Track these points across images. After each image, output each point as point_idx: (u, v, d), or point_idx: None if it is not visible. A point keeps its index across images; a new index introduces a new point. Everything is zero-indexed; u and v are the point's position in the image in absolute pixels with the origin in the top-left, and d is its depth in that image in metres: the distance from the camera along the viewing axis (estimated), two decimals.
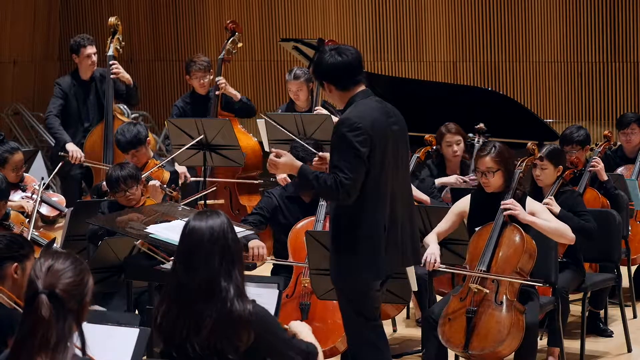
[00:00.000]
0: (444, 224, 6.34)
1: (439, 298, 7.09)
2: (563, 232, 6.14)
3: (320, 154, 5.59)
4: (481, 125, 8.31)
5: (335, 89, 5.30)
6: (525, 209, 6.14)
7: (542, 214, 6.18)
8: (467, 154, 8.13)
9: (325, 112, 8.65)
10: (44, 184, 7.40)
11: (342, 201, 5.13)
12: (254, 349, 3.83)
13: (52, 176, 8.01)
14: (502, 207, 6.06)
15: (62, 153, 8.62)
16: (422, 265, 6.08)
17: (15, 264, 4.38)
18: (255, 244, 6.57)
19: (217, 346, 3.78)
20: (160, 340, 3.91)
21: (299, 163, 5.24)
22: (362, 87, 5.33)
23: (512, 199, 6.10)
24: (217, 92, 9.25)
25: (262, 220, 6.92)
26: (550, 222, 6.15)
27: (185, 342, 3.81)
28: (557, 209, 6.72)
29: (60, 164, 8.08)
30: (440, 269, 6.15)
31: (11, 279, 4.36)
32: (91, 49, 9.26)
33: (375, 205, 5.22)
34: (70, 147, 8.92)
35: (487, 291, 5.92)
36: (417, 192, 7.26)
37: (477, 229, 6.15)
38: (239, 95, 9.36)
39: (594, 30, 11.81)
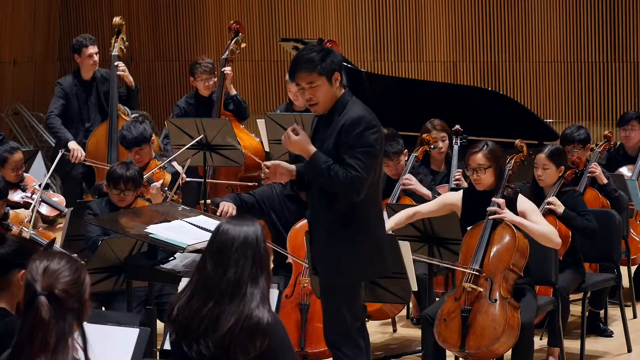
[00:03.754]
0: (427, 207, 6.36)
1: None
2: (550, 236, 6.10)
3: (267, 163, 5.44)
4: (457, 126, 8.33)
5: (339, 82, 5.25)
6: (516, 208, 6.13)
7: (532, 215, 6.16)
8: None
9: None
10: (42, 184, 7.39)
11: (350, 197, 5.14)
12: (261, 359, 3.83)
13: (50, 171, 8.01)
14: (488, 211, 6.05)
15: (64, 151, 8.64)
16: None
17: (23, 271, 4.31)
18: (228, 203, 6.62)
19: (230, 348, 3.79)
20: (172, 332, 3.90)
21: (313, 148, 5.20)
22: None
23: (500, 200, 6.07)
24: (224, 71, 9.22)
25: (254, 204, 6.87)
26: (538, 224, 6.12)
27: (200, 338, 3.82)
28: (560, 209, 6.73)
29: (58, 157, 8.07)
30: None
31: (16, 286, 4.31)
32: (93, 49, 9.26)
33: (378, 204, 5.30)
34: (73, 145, 8.93)
35: (481, 289, 5.92)
36: (420, 187, 7.28)
37: (469, 228, 6.16)
38: (234, 91, 9.37)
39: (594, 30, 11.81)
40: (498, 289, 5.92)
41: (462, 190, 6.41)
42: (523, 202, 6.22)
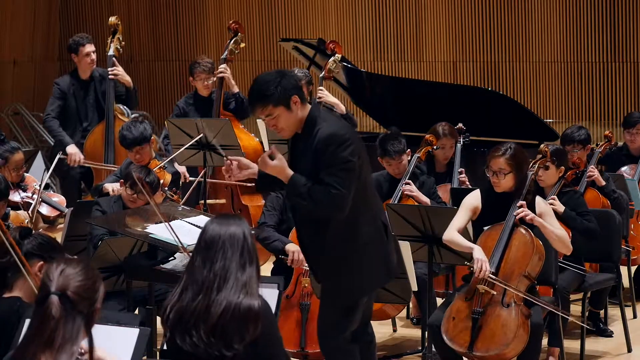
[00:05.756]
0: (461, 220, 6.16)
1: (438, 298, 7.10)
2: (566, 241, 6.10)
3: (232, 158, 5.30)
4: (460, 125, 8.33)
5: (300, 103, 5.14)
6: (535, 210, 6.10)
7: (549, 218, 6.13)
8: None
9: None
10: (41, 184, 7.38)
11: (334, 215, 5.08)
12: (254, 346, 3.86)
13: (49, 173, 7.99)
14: (515, 213, 6.00)
15: (61, 155, 8.64)
16: (472, 271, 5.96)
17: (42, 262, 4.43)
18: (294, 248, 6.50)
19: (224, 336, 3.83)
20: (166, 330, 3.94)
21: (290, 172, 5.09)
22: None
23: (523, 203, 6.04)
24: (218, 75, 9.21)
25: (278, 222, 6.88)
26: (556, 228, 6.11)
27: (192, 329, 3.85)
28: (561, 209, 6.72)
29: (56, 160, 8.06)
30: (490, 278, 5.89)
31: (35, 276, 4.40)
32: (90, 47, 9.25)
33: (370, 212, 5.22)
34: (70, 149, 8.91)
35: (495, 293, 5.89)
36: (420, 195, 7.25)
37: (485, 228, 6.10)
38: (236, 89, 9.35)
39: (594, 30, 11.81)
40: (512, 294, 5.88)
41: (478, 190, 6.32)
42: (541, 204, 6.18)
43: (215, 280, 3.86)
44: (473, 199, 6.23)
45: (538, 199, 6.19)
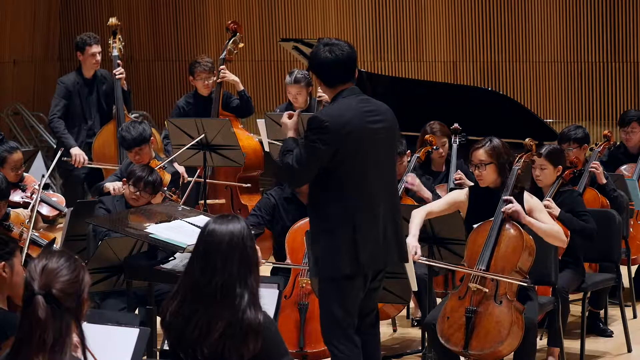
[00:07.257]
0: (438, 206, 6.27)
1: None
2: (557, 235, 6.10)
3: None
4: (456, 125, 8.32)
5: (322, 84, 5.45)
6: (523, 206, 6.11)
7: (539, 213, 6.14)
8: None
9: None
10: (40, 184, 7.38)
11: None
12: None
13: (49, 172, 7.98)
14: (503, 209, 6.02)
15: (65, 158, 8.65)
16: None
17: (2, 262, 4.35)
18: None
19: (225, 352, 3.79)
20: (169, 338, 3.91)
21: (291, 134, 5.39)
22: (349, 86, 5.37)
23: (511, 197, 6.05)
24: (217, 80, 9.22)
25: (259, 222, 6.93)
26: (546, 223, 6.12)
27: (195, 344, 3.81)
28: (556, 211, 6.71)
29: (57, 158, 8.05)
30: (421, 260, 6.05)
31: (1, 278, 4.34)
32: (96, 48, 9.27)
33: (349, 202, 5.24)
34: (74, 151, 8.93)
35: (487, 290, 5.90)
36: (422, 190, 7.26)
37: (475, 225, 6.12)
38: (241, 85, 9.34)
39: (594, 30, 11.81)
40: (504, 290, 5.89)
41: (468, 188, 6.37)
42: (529, 199, 6.20)
43: (216, 293, 3.79)
44: (458, 194, 6.30)
45: (526, 194, 6.20)
